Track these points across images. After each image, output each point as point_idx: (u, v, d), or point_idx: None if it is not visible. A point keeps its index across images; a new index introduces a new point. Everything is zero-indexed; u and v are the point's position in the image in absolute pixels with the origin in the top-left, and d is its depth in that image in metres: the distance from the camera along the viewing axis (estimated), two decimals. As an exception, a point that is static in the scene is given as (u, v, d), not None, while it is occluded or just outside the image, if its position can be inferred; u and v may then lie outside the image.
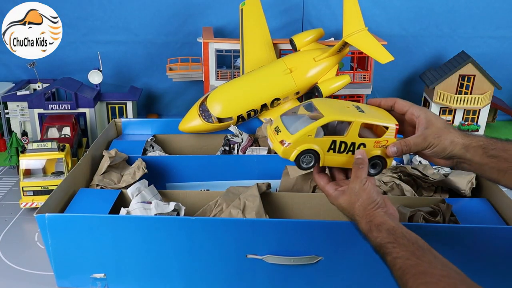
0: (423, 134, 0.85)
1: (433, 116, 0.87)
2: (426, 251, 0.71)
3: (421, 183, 1.28)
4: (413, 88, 2.16)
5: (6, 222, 1.34)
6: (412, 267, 0.68)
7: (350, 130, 0.85)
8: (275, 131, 0.88)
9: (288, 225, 1.00)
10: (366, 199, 0.83)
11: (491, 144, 0.83)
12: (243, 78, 1.56)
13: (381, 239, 0.77)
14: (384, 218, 0.80)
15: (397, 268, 0.70)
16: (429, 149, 0.85)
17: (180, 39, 2.03)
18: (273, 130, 0.89)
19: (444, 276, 0.65)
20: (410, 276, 0.67)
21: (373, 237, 0.79)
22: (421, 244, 0.73)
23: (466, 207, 1.14)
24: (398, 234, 0.76)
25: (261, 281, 1.05)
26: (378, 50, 1.46)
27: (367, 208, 0.83)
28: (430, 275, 0.65)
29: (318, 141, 0.85)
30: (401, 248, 0.73)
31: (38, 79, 1.82)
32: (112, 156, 1.29)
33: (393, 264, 0.72)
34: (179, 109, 2.14)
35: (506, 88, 2.09)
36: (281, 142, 0.85)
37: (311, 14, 2.02)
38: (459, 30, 2.05)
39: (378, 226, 0.79)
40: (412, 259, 0.70)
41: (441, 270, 0.66)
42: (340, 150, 0.86)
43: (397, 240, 0.75)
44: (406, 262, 0.70)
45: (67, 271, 1.06)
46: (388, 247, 0.74)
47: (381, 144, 0.87)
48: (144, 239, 1.01)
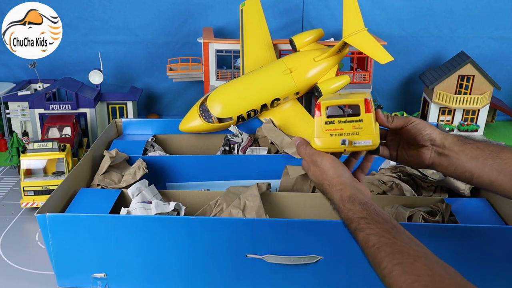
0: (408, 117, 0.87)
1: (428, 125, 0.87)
2: (400, 230, 0.69)
3: (421, 183, 1.28)
4: (413, 88, 2.16)
5: (7, 222, 1.34)
6: (387, 246, 0.65)
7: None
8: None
9: (288, 225, 1.00)
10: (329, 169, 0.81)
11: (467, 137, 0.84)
12: (243, 78, 1.56)
13: (354, 213, 0.73)
14: (354, 191, 0.77)
15: (370, 245, 0.67)
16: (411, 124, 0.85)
17: (180, 39, 2.03)
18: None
19: (420, 257, 0.63)
20: (385, 255, 0.64)
21: (345, 208, 0.75)
22: (394, 224, 0.70)
23: (465, 207, 1.14)
24: (371, 210, 0.72)
25: (261, 281, 1.05)
26: (377, 51, 1.46)
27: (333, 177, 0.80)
28: (407, 256, 0.63)
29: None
30: (375, 224, 0.69)
31: (39, 79, 1.83)
32: (112, 156, 1.30)
33: (366, 240, 0.68)
34: (179, 109, 2.15)
35: (506, 88, 2.10)
36: None
37: (311, 14, 2.02)
38: (458, 31, 2.05)
39: (350, 197, 0.76)
40: (387, 237, 0.67)
41: (416, 250, 0.64)
42: None
43: (370, 216, 0.71)
44: (381, 240, 0.67)
45: (67, 270, 1.06)
46: (360, 223, 0.71)
47: None
48: (144, 239, 1.02)
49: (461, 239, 0.98)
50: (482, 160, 0.80)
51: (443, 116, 1.93)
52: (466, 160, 0.81)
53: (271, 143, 1.44)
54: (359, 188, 0.80)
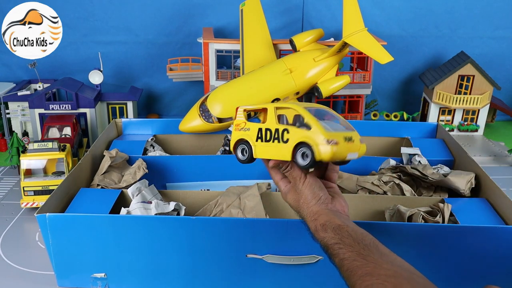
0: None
1: None
2: (372, 249, 0.71)
3: (421, 182, 1.28)
4: (413, 88, 2.16)
5: (7, 222, 1.34)
6: (358, 268, 0.68)
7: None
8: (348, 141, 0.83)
9: (288, 225, 1.00)
10: (308, 195, 0.83)
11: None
12: (243, 78, 1.56)
13: (328, 240, 0.76)
14: (329, 216, 0.79)
15: (344, 269, 0.70)
16: None
17: (180, 40, 2.03)
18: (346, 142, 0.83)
19: (390, 276, 0.65)
20: (357, 278, 0.67)
21: (320, 237, 0.78)
22: (367, 243, 0.72)
23: (466, 207, 1.14)
24: (344, 234, 0.75)
25: (261, 281, 1.05)
26: (377, 51, 1.46)
27: (309, 205, 0.82)
28: (377, 276, 0.65)
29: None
30: (347, 248, 0.72)
31: (39, 79, 1.83)
32: (112, 156, 1.30)
33: (341, 265, 0.71)
34: (179, 109, 2.15)
35: (505, 88, 2.10)
36: None
37: (311, 14, 2.02)
38: (458, 31, 2.05)
39: (323, 225, 0.78)
40: (358, 260, 0.69)
41: (386, 270, 0.66)
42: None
43: (342, 240, 0.74)
44: (353, 264, 0.69)
45: (67, 270, 1.06)
46: (334, 248, 0.74)
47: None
48: (144, 239, 1.02)
49: (461, 239, 0.98)
50: None
51: (443, 116, 1.93)
52: None
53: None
54: (334, 208, 0.82)
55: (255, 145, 0.88)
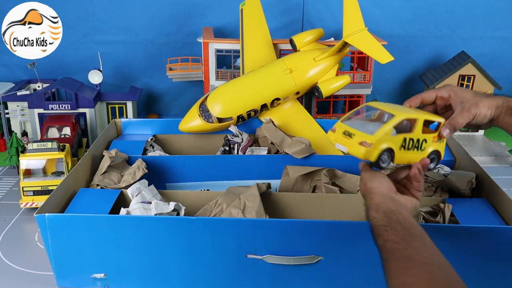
0: (464, 108, 0.91)
1: (461, 90, 0.94)
2: (417, 238, 0.73)
3: (421, 183, 1.28)
4: (413, 88, 2.16)
5: (6, 222, 1.34)
6: (398, 251, 0.70)
7: (416, 127, 0.89)
8: (347, 135, 0.88)
9: (288, 225, 1.00)
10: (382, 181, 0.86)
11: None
12: (243, 78, 1.56)
13: (377, 221, 0.79)
14: (386, 199, 0.82)
15: (386, 249, 0.73)
16: (474, 119, 0.91)
17: (180, 39, 2.03)
18: (342, 136, 0.89)
19: (426, 263, 0.66)
20: (394, 259, 0.70)
21: (371, 216, 0.81)
22: (413, 231, 0.75)
23: (466, 207, 1.14)
24: (394, 219, 0.77)
25: (261, 281, 1.05)
26: (378, 50, 1.46)
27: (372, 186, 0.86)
28: (412, 261, 0.67)
29: (393, 140, 0.87)
30: (392, 232, 0.75)
31: (38, 79, 1.82)
32: (112, 156, 1.30)
33: (383, 245, 0.74)
34: (179, 109, 2.14)
35: (506, 88, 2.09)
36: (361, 144, 0.85)
37: (311, 14, 2.02)
38: (458, 31, 2.05)
39: (377, 205, 0.81)
40: (400, 244, 0.71)
41: (424, 257, 0.68)
42: (409, 147, 0.90)
43: (391, 224, 0.76)
44: (395, 246, 0.72)
45: (67, 271, 1.06)
46: (381, 230, 0.76)
47: (437, 139, 0.93)
48: (144, 239, 1.01)
49: (462, 239, 0.98)
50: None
51: (443, 116, 1.92)
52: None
53: (271, 143, 1.44)
54: (396, 198, 0.84)
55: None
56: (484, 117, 0.90)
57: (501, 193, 1.13)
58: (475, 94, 0.92)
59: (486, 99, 0.91)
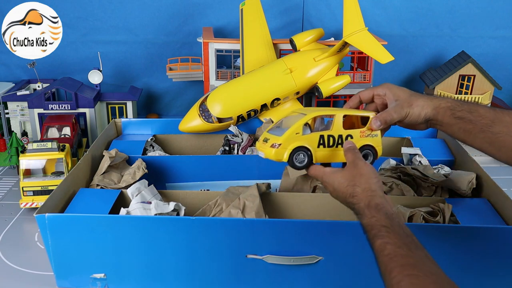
0: (397, 104, 0.90)
1: (397, 88, 0.94)
2: (419, 247, 0.70)
3: (421, 183, 1.28)
4: (413, 88, 2.14)
5: (6, 222, 1.34)
6: (401, 257, 0.67)
7: (334, 123, 0.90)
8: (264, 142, 0.93)
9: (288, 225, 1.00)
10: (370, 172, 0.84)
11: (458, 106, 0.87)
12: (243, 78, 1.56)
13: (377, 220, 0.75)
14: (384, 201, 0.80)
15: (385, 253, 0.69)
16: (407, 118, 0.90)
17: (180, 39, 2.03)
18: (262, 143, 0.94)
19: (433, 273, 0.64)
20: (396, 265, 0.66)
21: (370, 214, 0.77)
22: (415, 240, 0.72)
23: (466, 207, 1.14)
24: (395, 222, 0.74)
25: (261, 281, 1.05)
26: (378, 50, 1.46)
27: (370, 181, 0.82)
28: (418, 269, 0.65)
29: (306, 138, 0.89)
30: (395, 235, 0.71)
31: (38, 79, 1.82)
32: (112, 156, 1.29)
33: (382, 248, 0.70)
34: (179, 109, 2.14)
35: (506, 88, 2.09)
36: (272, 146, 0.89)
37: (311, 14, 2.02)
38: (459, 30, 2.05)
39: (377, 205, 0.78)
40: (403, 249, 0.68)
41: (429, 267, 0.65)
42: (330, 144, 0.90)
43: (392, 227, 0.73)
44: (397, 250, 0.68)
45: (67, 271, 1.06)
46: (381, 230, 0.73)
47: (367, 134, 0.92)
48: (144, 239, 1.01)
49: (462, 239, 0.98)
50: (474, 133, 0.85)
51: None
52: (458, 132, 0.87)
53: (271, 143, 1.44)
54: (388, 200, 0.82)
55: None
56: (418, 117, 0.89)
57: (501, 193, 1.13)
58: (411, 94, 0.92)
59: (422, 99, 0.90)
